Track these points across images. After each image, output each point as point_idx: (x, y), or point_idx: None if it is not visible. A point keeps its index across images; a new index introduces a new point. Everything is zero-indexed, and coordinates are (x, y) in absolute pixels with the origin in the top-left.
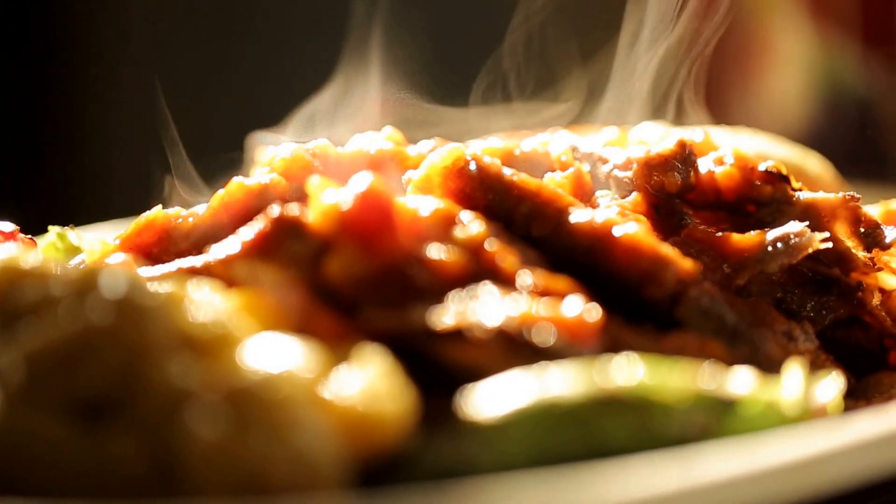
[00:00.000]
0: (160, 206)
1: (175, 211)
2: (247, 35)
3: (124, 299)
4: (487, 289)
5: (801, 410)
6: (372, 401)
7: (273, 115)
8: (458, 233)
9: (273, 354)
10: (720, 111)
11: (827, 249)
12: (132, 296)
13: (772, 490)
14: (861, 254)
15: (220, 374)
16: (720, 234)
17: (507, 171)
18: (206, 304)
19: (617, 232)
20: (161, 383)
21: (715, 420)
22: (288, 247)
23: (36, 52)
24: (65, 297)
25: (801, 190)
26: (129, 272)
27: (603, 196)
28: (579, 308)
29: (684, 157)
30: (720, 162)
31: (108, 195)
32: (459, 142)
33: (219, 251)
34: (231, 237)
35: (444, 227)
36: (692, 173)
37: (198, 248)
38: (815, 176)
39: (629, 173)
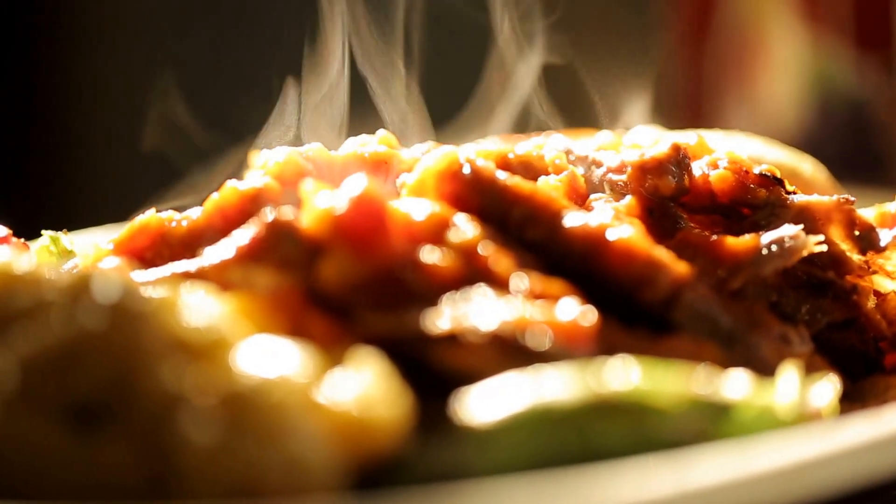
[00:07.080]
0: (154, 209)
1: (169, 214)
2: (243, 35)
3: (118, 304)
4: (482, 292)
5: (797, 414)
6: (367, 406)
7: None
8: (452, 236)
9: (267, 359)
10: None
11: (821, 252)
12: (125, 301)
13: (767, 494)
14: (856, 257)
15: (215, 379)
16: (715, 237)
17: (501, 175)
18: (200, 308)
19: (611, 236)
20: (155, 388)
21: (710, 425)
22: (282, 251)
23: (25, 54)
24: (58, 302)
25: (795, 193)
26: (122, 277)
27: (597, 199)
28: (575, 311)
29: (678, 160)
30: (714, 165)
31: (103, 199)
32: (454, 145)
33: (213, 255)
34: (225, 241)
35: (438, 231)
36: (686, 176)
37: (192, 251)
38: (809, 179)
39: (623, 177)
